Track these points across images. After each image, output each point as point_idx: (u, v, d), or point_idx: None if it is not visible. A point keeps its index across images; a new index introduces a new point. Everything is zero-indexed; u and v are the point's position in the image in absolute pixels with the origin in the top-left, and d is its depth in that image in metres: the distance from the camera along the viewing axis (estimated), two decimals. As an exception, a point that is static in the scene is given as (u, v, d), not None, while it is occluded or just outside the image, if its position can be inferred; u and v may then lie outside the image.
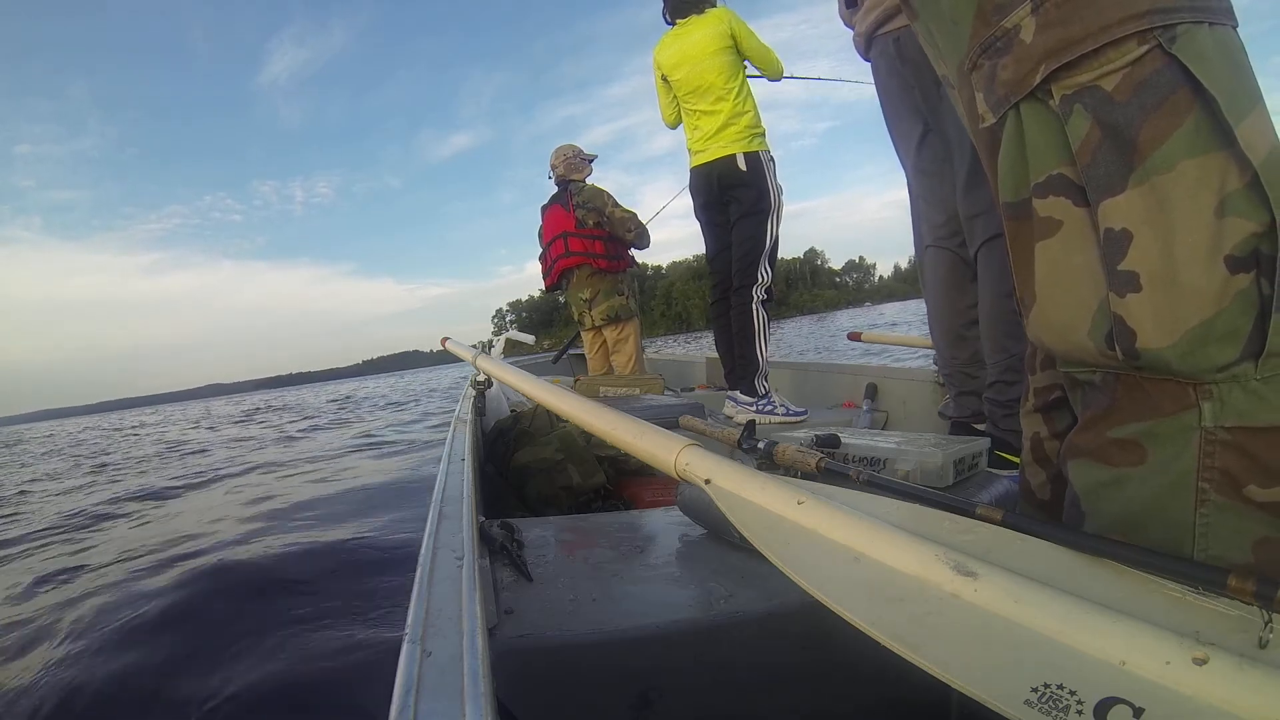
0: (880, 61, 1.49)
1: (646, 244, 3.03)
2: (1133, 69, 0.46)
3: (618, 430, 0.76)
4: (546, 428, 1.45)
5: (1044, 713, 0.34)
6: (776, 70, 2.37)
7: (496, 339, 2.20)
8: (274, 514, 2.65)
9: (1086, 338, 0.51)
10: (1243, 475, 0.45)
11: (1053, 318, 0.54)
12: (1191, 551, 0.47)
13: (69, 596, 1.82)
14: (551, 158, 3.07)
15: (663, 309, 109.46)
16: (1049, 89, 0.50)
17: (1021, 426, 0.72)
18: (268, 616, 1.49)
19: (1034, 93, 0.50)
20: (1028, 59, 0.50)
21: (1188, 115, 0.44)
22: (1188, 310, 0.45)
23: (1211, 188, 0.44)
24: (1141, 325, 0.46)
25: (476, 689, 0.38)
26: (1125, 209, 0.46)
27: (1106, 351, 0.49)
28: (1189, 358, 0.45)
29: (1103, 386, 0.53)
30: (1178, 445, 0.47)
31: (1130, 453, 0.50)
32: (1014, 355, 1.32)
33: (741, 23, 2.28)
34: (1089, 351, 0.51)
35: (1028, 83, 0.50)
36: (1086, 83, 0.47)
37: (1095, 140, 0.47)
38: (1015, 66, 0.51)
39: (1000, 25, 0.51)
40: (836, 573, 0.46)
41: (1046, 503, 0.68)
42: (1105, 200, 0.47)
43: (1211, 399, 0.46)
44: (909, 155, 1.53)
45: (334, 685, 1.20)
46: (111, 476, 5.06)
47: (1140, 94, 0.45)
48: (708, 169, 2.33)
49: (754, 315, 2.26)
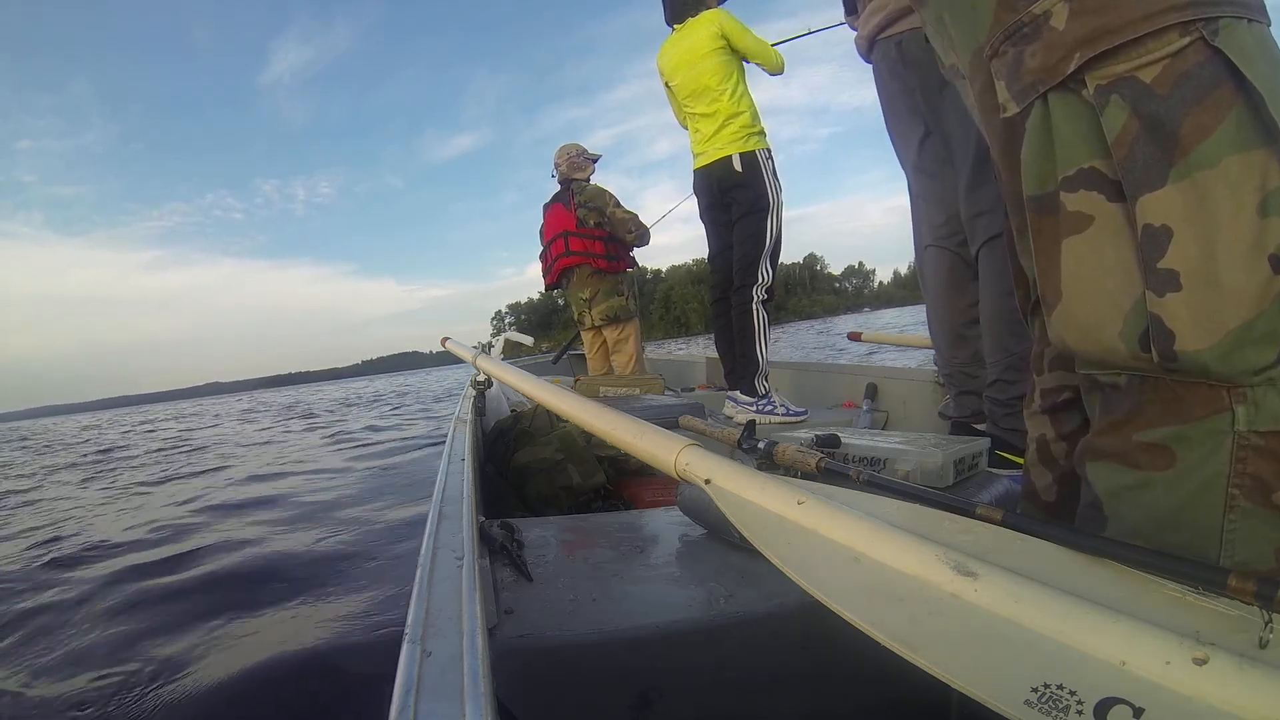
0: (882, 64, 1.49)
1: (647, 241, 3.03)
2: (1174, 61, 0.44)
3: (618, 430, 0.76)
4: (546, 428, 1.45)
5: (1044, 713, 0.34)
6: (775, 64, 2.33)
7: (496, 339, 2.19)
8: (273, 514, 2.65)
9: (1118, 339, 0.49)
10: (1274, 481, 0.44)
11: (1080, 317, 0.51)
12: (1218, 557, 0.46)
13: (67, 595, 1.82)
14: (555, 156, 3.07)
15: (661, 312, 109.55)
16: (1082, 79, 0.48)
17: (1025, 426, 0.71)
18: (267, 616, 1.49)
19: (1065, 82, 0.49)
20: (1060, 46, 0.48)
21: (1231, 110, 0.43)
22: (1228, 311, 0.43)
23: (1255, 185, 0.43)
24: (1180, 326, 0.45)
25: (476, 689, 0.38)
26: (1166, 205, 0.45)
27: (1140, 354, 0.48)
28: (1227, 360, 0.44)
29: (1128, 389, 0.51)
30: (1208, 449, 0.46)
31: (1158, 456, 0.48)
32: (1015, 354, 1.32)
33: (734, 22, 2.27)
34: (1118, 353, 0.49)
35: (1059, 71, 0.48)
36: (1124, 73, 0.46)
37: (1134, 133, 0.46)
38: (1045, 54, 0.49)
39: (1029, 11, 0.50)
40: (836, 573, 0.46)
41: (1052, 504, 0.67)
42: (1145, 195, 0.45)
43: (1246, 403, 0.45)
44: (909, 156, 1.53)
45: (334, 685, 1.20)
46: (100, 469, 5.06)
47: (1182, 87, 0.44)
48: (707, 171, 2.35)
49: (754, 315, 2.26)
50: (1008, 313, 1.33)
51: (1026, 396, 0.72)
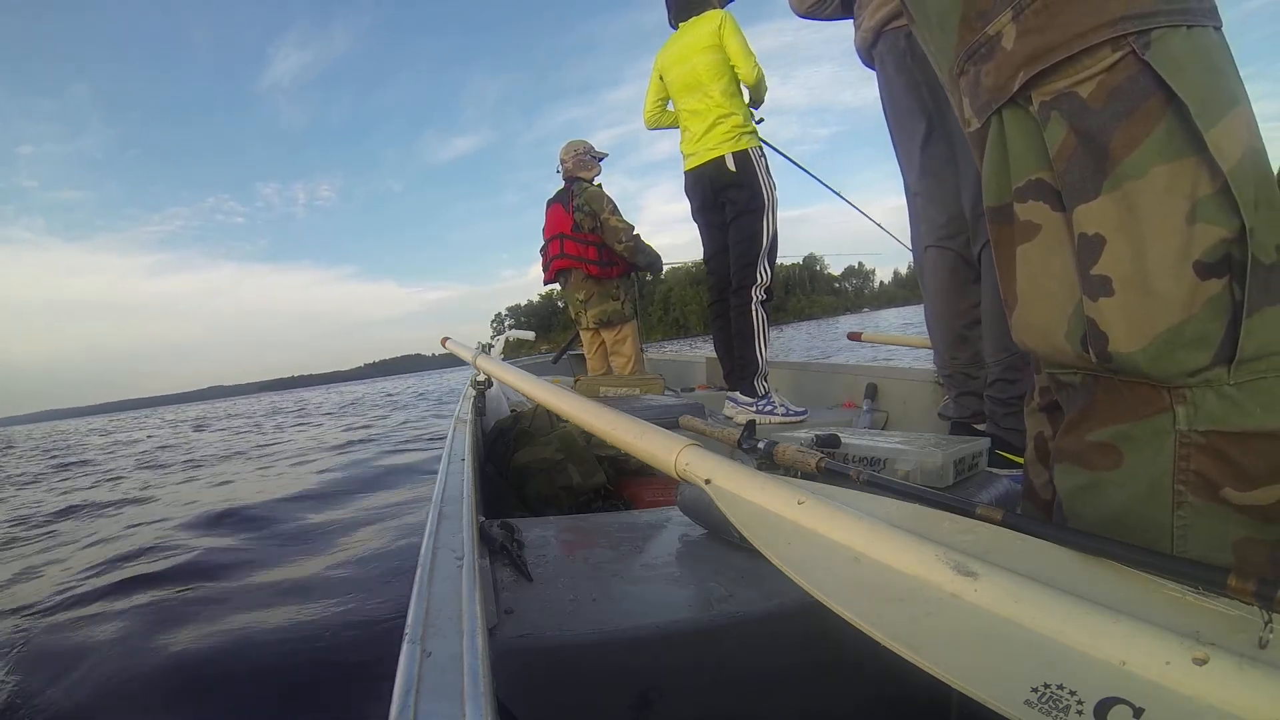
0: (889, 56, 1.46)
1: (646, 263, 2.92)
2: (1107, 76, 0.46)
3: (618, 430, 0.76)
4: (546, 428, 1.45)
5: (1044, 713, 0.34)
6: (751, 77, 2.23)
7: (497, 339, 2.19)
8: (273, 513, 2.65)
9: (1064, 340, 0.51)
10: (1219, 478, 0.45)
11: (1032, 320, 0.54)
12: (1172, 553, 0.47)
13: (67, 595, 1.82)
14: (561, 152, 3.05)
15: (660, 314, 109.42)
16: (1029, 95, 0.50)
17: (1025, 425, 0.72)
18: (266, 616, 1.49)
19: (1014, 99, 0.51)
20: (1008, 65, 0.50)
21: (1159, 122, 0.44)
22: (1157, 315, 0.45)
23: (1182, 194, 0.44)
24: (1113, 329, 0.47)
25: (476, 689, 0.38)
26: (1098, 214, 0.47)
27: (1083, 355, 0.50)
28: (1159, 362, 0.45)
29: (1082, 388, 0.53)
30: (1153, 448, 0.48)
31: (1107, 456, 0.50)
32: (1016, 354, 1.32)
33: (732, 25, 2.26)
34: (1067, 354, 0.51)
35: (1007, 89, 0.51)
36: (1064, 89, 0.48)
37: (1071, 147, 0.48)
38: (997, 73, 0.51)
39: (984, 31, 0.52)
40: (836, 573, 0.46)
41: (1049, 502, 0.68)
42: (1079, 205, 0.48)
43: (1185, 403, 0.46)
44: (912, 154, 1.52)
45: (334, 685, 1.20)
46: (99, 470, 5.07)
47: (1114, 101, 0.46)
48: (699, 172, 2.33)
49: (753, 315, 2.26)
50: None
51: (1027, 395, 0.72)
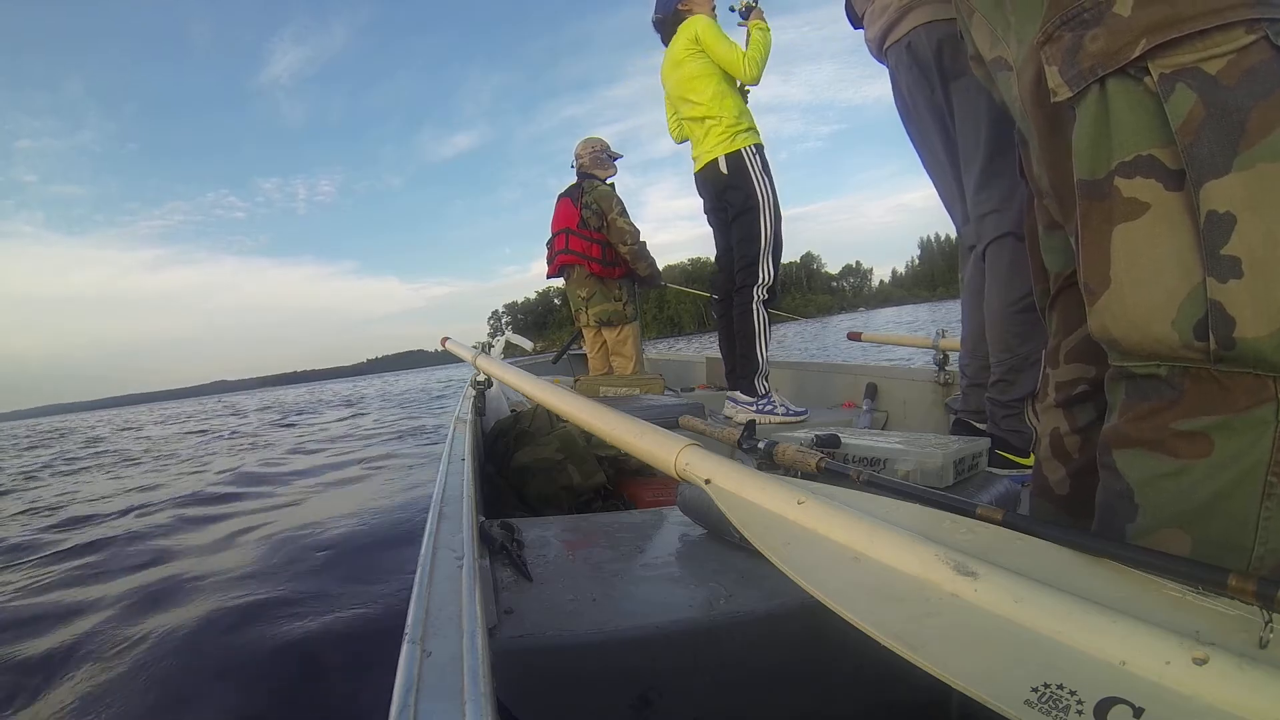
0: (900, 70, 1.47)
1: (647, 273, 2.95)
2: (1239, 56, 0.46)
3: (618, 430, 0.76)
4: (546, 428, 1.45)
5: (1044, 713, 0.34)
6: (743, 73, 2.29)
7: (496, 339, 2.19)
8: (272, 513, 2.65)
9: (1170, 327, 0.49)
10: None
11: (1130, 304, 0.51)
12: (1252, 544, 0.47)
13: (65, 594, 1.82)
14: (577, 147, 3.06)
15: (655, 312, 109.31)
16: (1145, 65, 0.48)
17: (1034, 422, 0.71)
18: (266, 616, 1.49)
19: (1126, 68, 0.49)
20: (1126, 31, 0.49)
21: None
22: None
23: None
24: (1241, 313, 0.46)
25: (476, 689, 0.38)
26: (1229, 192, 0.46)
27: (1194, 343, 0.48)
28: None
29: (1168, 379, 0.51)
30: (1250, 439, 0.47)
31: (1196, 445, 0.49)
32: (1018, 355, 1.31)
33: (709, 29, 2.29)
34: (1168, 342, 0.49)
35: (1123, 55, 0.49)
36: (1189, 64, 0.47)
37: (1200, 119, 0.46)
38: (1109, 39, 0.50)
39: None
40: (836, 573, 0.46)
41: (1065, 498, 0.67)
42: (1209, 181, 0.46)
43: None
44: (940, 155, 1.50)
45: (334, 685, 1.20)
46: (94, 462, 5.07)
47: (1249, 81, 0.45)
48: (703, 175, 2.40)
49: (754, 315, 2.26)
50: (1013, 313, 1.32)
51: (1039, 390, 0.72)
